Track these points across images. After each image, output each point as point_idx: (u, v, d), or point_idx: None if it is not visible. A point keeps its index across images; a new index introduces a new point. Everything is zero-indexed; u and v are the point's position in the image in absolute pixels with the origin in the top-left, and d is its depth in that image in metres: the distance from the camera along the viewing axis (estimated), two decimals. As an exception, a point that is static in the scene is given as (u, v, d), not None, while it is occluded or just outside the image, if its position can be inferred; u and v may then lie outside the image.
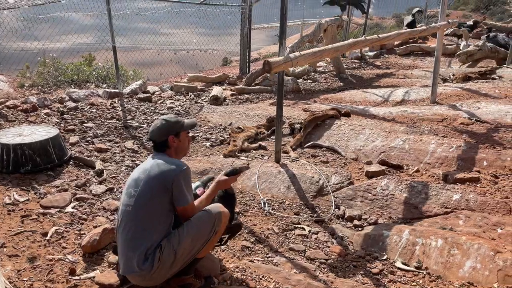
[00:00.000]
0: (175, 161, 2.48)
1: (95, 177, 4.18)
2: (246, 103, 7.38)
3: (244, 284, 2.65)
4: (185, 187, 2.42)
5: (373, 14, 20.99)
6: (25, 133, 4.28)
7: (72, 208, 3.50)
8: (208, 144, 5.28)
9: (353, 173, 4.28)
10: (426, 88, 7.18)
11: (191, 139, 5.42)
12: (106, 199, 3.76)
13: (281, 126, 4.44)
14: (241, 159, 4.62)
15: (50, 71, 8.21)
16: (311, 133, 5.24)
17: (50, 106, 6.20)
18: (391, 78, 9.19)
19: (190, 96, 7.65)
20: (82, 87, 7.87)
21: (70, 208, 3.49)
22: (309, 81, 9.38)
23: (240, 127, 5.45)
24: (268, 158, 4.66)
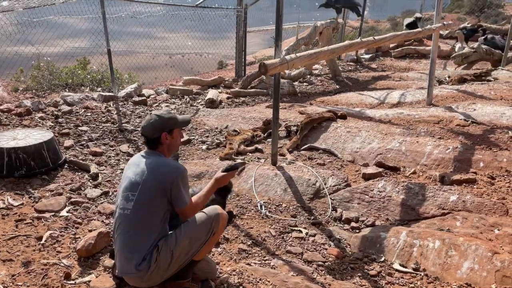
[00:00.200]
0: (171, 163, 2.47)
1: (90, 180, 4.15)
2: (242, 106, 7.37)
3: (241, 287, 2.63)
4: (183, 189, 2.41)
5: (368, 17, 21.08)
6: (19, 137, 4.24)
7: (67, 212, 3.46)
8: (204, 147, 5.25)
9: (350, 175, 4.27)
10: (422, 90, 7.20)
11: (188, 141, 5.39)
12: (101, 202, 3.72)
13: (278, 128, 4.43)
14: (238, 161, 4.60)
15: (44, 75, 8.17)
16: (307, 136, 5.23)
17: (44, 110, 6.16)
18: (387, 81, 9.21)
19: (185, 99, 7.63)
20: (76, 91, 7.83)
21: (65, 212, 3.45)
22: (305, 83, 9.38)
23: (236, 130, 5.43)
24: (265, 161, 4.65)
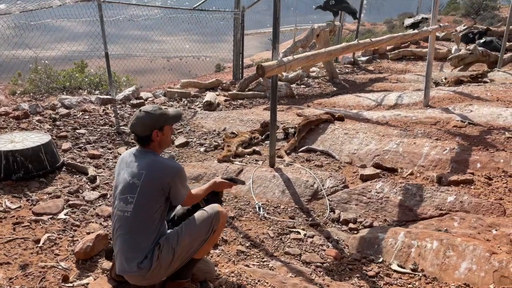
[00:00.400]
0: (169, 164, 2.47)
1: (88, 183, 4.14)
2: (239, 108, 7.38)
3: (239, 288, 2.63)
4: (181, 187, 2.44)
5: (365, 20, 21.16)
6: (17, 139, 4.24)
7: (65, 214, 3.46)
8: (202, 149, 5.25)
9: (347, 176, 4.28)
10: (418, 92, 7.22)
11: (186, 143, 5.39)
12: (99, 205, 3.72)
13: (275, 130, 4.43)
14: (235, 164, 4.60)
15: (42, 78, 8.17)
16: (305, 138, 5.24)
17: (42, 113, 6.16)
18: (384, 83, 9.24)
19: (183, 102, 7.63)
20: (74, 94, 7.83)
21: (62, 215, 3.44)
22: (302, 86, 9.40)
23: (234, 132, 5.43)
24: (263, 163, 4.65)
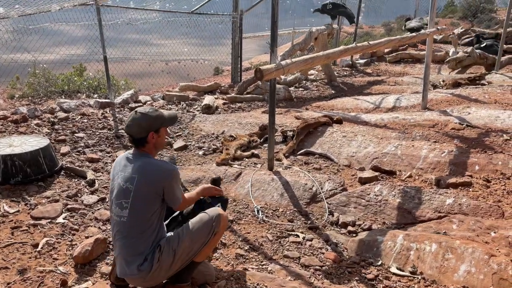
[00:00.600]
0: (162, 166, 2.44)
1: (87, 187, 4.14)
2: (238, 111, 7.39)
3: (238, 292, 2.63)
4: (176, 189, 2.45)
5: (363, 22, 21.21)
6: (15, 143, 4.23)
7: (64, 218, 3.45)
8: (200, 152, 5.25)
9: (346, 179, 4.28)
10: (416, 94, 7.24)
11: (185, 147, 5.39)
12: (98, 209, 3.71)
13: (274, 133, 4.44)
14: (234, 167, 4.60)
15: (40, 82, 8.18)
16: (303, 141, 5.25)
17: (40, 117, 6.16)
18: (382, 85, 9.26)
19: (182, 105, 7.63)
20: (73, 98, 7.83)
21: (61, 219, 3.44)
22: (300, 89, 9.42)
23: (232, 135, 5.44)
24: (261, 166, 4.65)
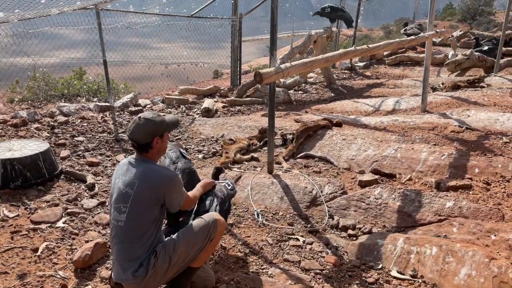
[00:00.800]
0: (163, 172, 2.43)
1: (87, 191, 4.14)
2: (237, 114, 7.39)
3: (239, 296, 2.62)
4: (176, 194, 2.44)
5: (362, 25, 21.26)
6: (15, 148, 4.23)
7: (63, 223, 3.45)
8: (200, 156, 5.25)
9: (346, 182, 4.28)
10: (416, 97, 7.24)
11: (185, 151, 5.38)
12: (98, 213, 3.71)
13: (273, 137, 4.44)
14: (234, 170, 4.60)
15: (40, 86, 8.18)
16: (303, 144, 5.25)
17: (40, 121, 6.16)
18: (382, 88, 9.26)
19: (181, 108, 7.64)
20: (72, 101, 7.83)
21: (61, 223, 3.43)
22: (300, 92, 9.43)
23: (232, 138, 5.44)
24: (261, 169, 4.65)
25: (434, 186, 4.04)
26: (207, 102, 7.62)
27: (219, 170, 3.29)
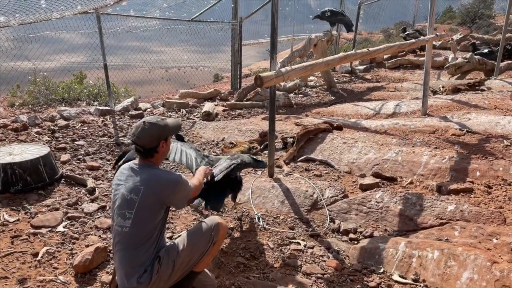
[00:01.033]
0: (167, 177, 2.42)
1: (87, 195, 4.13)
2: (238, 118, 7.39)
3: (240, 301, 2.61)
4: (181, 194, 2.44)
5: (362, 29, 21.28)
6: (16, 152, 4.23)
7: (64, 227, 3.44)
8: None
9: (347, 186, 4.27)
10: (416, 100, 7.24)
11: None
12: (98, 217, 3.70)
13: (274, 140, 4.43)
14: (235, 174, 4.59)
15: (41, 90, 8.19)
16: (304, 147, 5.24)
17: (41, 125, 6.16)
18: (382, 91, 9.26)
19: (182, 112, 7.64)
20: (73, 105, 7.84)
21: (61, 228, 3.43)
22: (300, 95, 9.43)
23: (232, 142, 5.43)
24: (262, 173, 4.64)
25: (435, 190, 4.03)
26: (208, 106, 7.63)
27: None
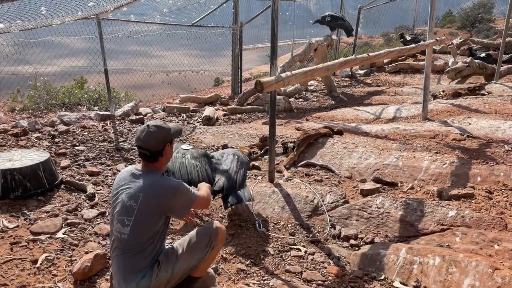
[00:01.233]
0: (167, 184, 2.39)
1: (87, 201, 4.12)
2: (238, 123, 7.39)
3: (240, 308, 2.59)
4: (182, 202, 2.42)
5: (362, 33, 21.32)
6: (15, 157, 4.22)
7: (63, 233, 3.43)
8: (201, 165, 5.23)
9: (347, 191, 4.26)
10: (417, 104, 7.23)
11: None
12: (98, 223, 3.69)
13: (274, 145, 4.42)
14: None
15: (41, 95, 8.20)
16: (304, 152, 5.23)
17: (41, 130, 6.15)
18: (382, 96, 9.26)
19: (182, 117, 7.64)
20: (73, 110, 7.84)
21: (61, 234, 3.41)
22: (300, 99, 9.43)
23: (233, 147, 5.42)
24: (262, 178, 4.63)
25: (436, 195, 4.02)
26: (208, 110, 7.62)
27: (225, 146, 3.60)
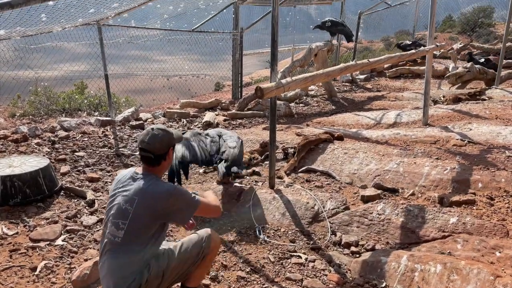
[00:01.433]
0: (163, 189, 2.35)
1: (86, 207, 4.10)
2: (239, 128, 7.38)
3: (240, 317, 2.57)
4: (184, 206, 2.39)
5: (362, 38, 21.35)
6: (15, 164, 4.22)
7: (63, 240, 3.41)
8: (201, 170, 5.22)
9: (348, 197, 4.24)
10: (417, 110, 7.22)
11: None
12: (98, 230, 3.67)
13: (275, 151, 4.41)
14: (235, 185, 4.57)
15: (41, 100, 8.20)
16: (305, 158, 5.22)
17: (41, 136, 6.15)
18: (383, 101, 9.25)
19: (183, 122, 7.64)
20: (74, 116, 7.84)
21: (60, 241, 3.40)
22: (301, 105, 9.43)
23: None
24: (262, 184, 4.62)
25: (437, 201, 4.00)
26: (208, 116, 7.62)
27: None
